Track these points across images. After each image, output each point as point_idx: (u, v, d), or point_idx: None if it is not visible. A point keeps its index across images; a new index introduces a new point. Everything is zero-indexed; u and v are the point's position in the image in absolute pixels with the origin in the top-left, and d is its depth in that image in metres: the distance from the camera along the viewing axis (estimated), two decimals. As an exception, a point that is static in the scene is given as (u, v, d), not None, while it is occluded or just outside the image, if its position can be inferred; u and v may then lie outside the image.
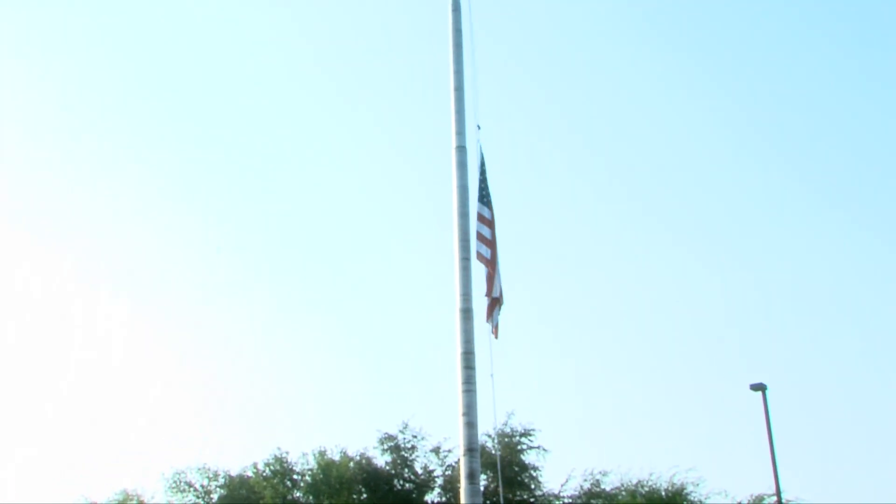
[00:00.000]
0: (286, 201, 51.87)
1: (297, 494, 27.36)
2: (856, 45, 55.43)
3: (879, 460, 38.43)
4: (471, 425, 9.35)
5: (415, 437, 27.88)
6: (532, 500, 27.33)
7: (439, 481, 27.80)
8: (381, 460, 27.83)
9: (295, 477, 27.69)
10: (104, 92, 53.41)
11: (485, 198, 10.51)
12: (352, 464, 27.12)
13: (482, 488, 18.47)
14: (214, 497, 27.75)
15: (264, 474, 27.51)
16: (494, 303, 10.23)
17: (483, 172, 10.63)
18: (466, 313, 9.79)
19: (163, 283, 47.42)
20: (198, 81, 55.35)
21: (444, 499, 27.51)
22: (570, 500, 27.68)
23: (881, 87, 53.46)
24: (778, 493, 22.69)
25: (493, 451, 25.97)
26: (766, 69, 54.00)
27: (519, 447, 27.50)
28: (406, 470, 27.73)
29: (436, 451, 27.80)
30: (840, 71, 54.74)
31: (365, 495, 27.22)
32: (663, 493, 26.94)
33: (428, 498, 27.70)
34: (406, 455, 27.80)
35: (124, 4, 55.22)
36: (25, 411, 42.50)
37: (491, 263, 10.27)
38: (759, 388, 23.17)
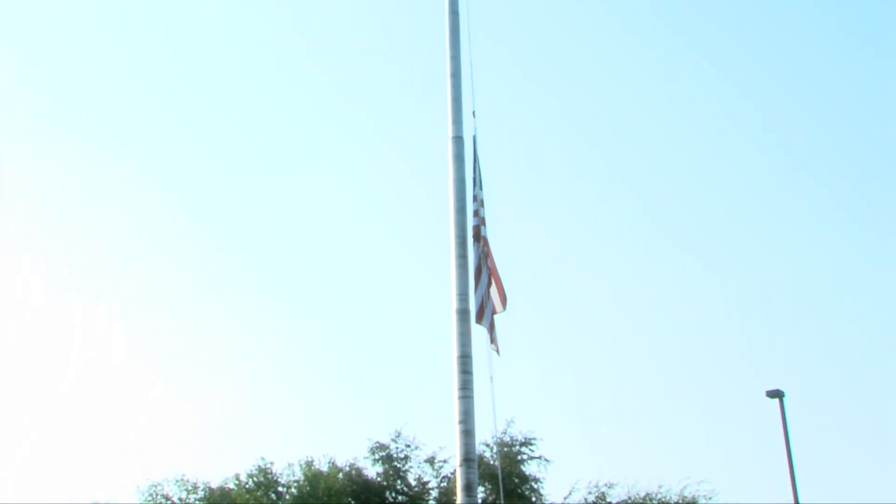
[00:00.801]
0: (280, 200, 52.06)
1: (283, 508, 27.41)
2: (856, 45, 55.83)
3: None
4: (468, 434, 9.34)
5: (408, 446, 27.96)
6: (533, 513, 27.40)
7: (434, 493, 27.84)
8: (373, 471, 27.93)
9: (280, 489, 27.72)
10: (101, 92, 53.88)
11: (478, 188, 10.36)
12: (341, 475, 27.16)
13: (480, 501, 18.58)
14: (193, 510, 27.78)
15: (247, 486, 27.55)
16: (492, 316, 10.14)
17: (476, 166, 10.51)
18: (463, 314, 9.73)
19: (151, 286, 47.51)
20: (192, 78, 55.59)
21: (439, 512, 27.58)
22: (574, 514, 27.76)
23: (882, 87, 53.83)
24: (795, 505, 22.74)
25: (492, 462, 26.04)
26: (766, 69, 54.35)
27: (519, 457, 27.57)
28: (399, 481, 27.77)
29: (430, 461, 27.86)
30: (840, 70, 55.10)
31: (355, 508, 27.29)
32: (673, 507, 27.04)
33: (422, 511, 27.77)
34: (399, 465, 27.85)
35: (123, 4, 55.55)
36: (11, 414, 42.64)
37: (494, 273, 10.19)
38: (776, 394, 23.25)
